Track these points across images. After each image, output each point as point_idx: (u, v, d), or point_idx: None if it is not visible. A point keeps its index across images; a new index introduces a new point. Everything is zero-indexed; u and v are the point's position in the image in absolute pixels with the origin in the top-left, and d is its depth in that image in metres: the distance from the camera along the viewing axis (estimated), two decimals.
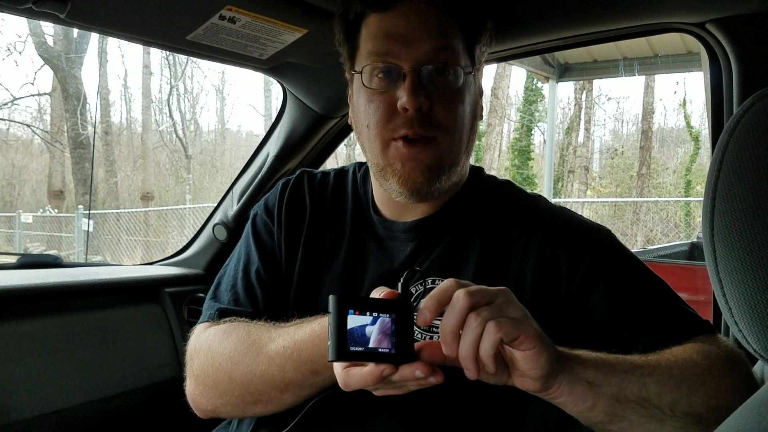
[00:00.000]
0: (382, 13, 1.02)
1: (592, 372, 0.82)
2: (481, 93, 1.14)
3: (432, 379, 0.76)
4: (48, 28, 12.88)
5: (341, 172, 1.26)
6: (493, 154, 15.01)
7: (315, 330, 0.95)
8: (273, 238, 1.19)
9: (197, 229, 2.11)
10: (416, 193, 1.05)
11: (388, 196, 1.13)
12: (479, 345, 0.75)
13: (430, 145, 1.02)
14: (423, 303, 0.77)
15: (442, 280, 1.06)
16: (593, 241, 1.07)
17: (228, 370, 1.04)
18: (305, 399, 1.01)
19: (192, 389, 1.11)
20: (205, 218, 2.08)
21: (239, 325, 1.08)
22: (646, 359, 0.87)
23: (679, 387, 0.85)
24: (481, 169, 1.22)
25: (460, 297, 0.76)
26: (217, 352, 1.06)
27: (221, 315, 1.14)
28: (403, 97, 0.99)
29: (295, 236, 1.18)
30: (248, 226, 1.24)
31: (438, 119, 1.02)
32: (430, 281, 1.07)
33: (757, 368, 0.97)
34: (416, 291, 1.07)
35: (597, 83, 16.36)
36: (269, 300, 1.15)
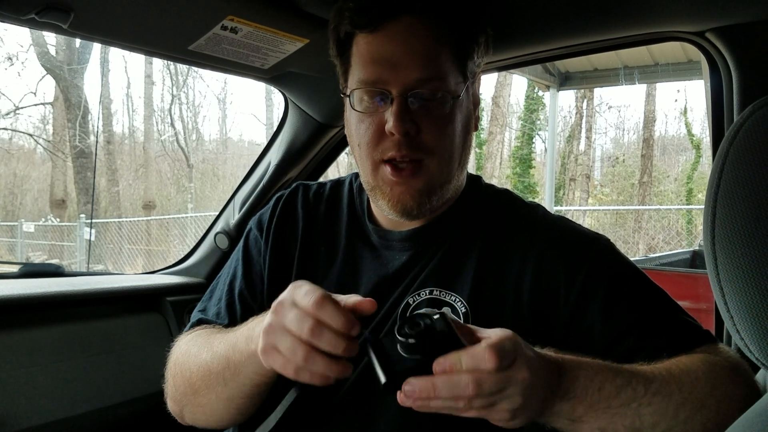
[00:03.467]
0: (370, 35, 1.02)
1: (581, 409, 0.82)
2: (476, 103, 1.13)
3: None
4: (50, 38, 12.95)
5: (338, 182, 1.27)
6: (495, 163, 15.01)
7: (230, 340, 0.98)
8: (260, 253, 1.21)
9: (199, 237, 2.11)
10: (406, 214, 1.06)
11: None
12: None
13: (418, 169, 1.02)
14: (445, 359, 0.75)
15: (439, 291, 1.06)
16: (591, 250, 1.07)
17: (181, 364, 1.08)
18: (226, 406, 1.02)
19: (167, 393, 1.14)
20: (207, 227, 2.08)
21: (208, 329, 1.12)
22: (649, 384, 0.85)
23: (677, 414, 0.84)
24: (479, 178, 1.22)
25: (468, 384, 0.74)
26: (181, 351, 1.11)
27: (201, 324, 1.17)
28: (390, 122, 0.99)
29: (287, 251, 1.19)
30: (242, 239, 1.26)
31: (426, 143, 1.02)
32: (426, 292, 1.07)
33: (759, 376, 0.97)
34: (413, 301, 1.07)
35: (598, 92, 16.38)
36: (248, 316, 1.15)
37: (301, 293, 0.82)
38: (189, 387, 1.06)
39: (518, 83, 17.48)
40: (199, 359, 1.03)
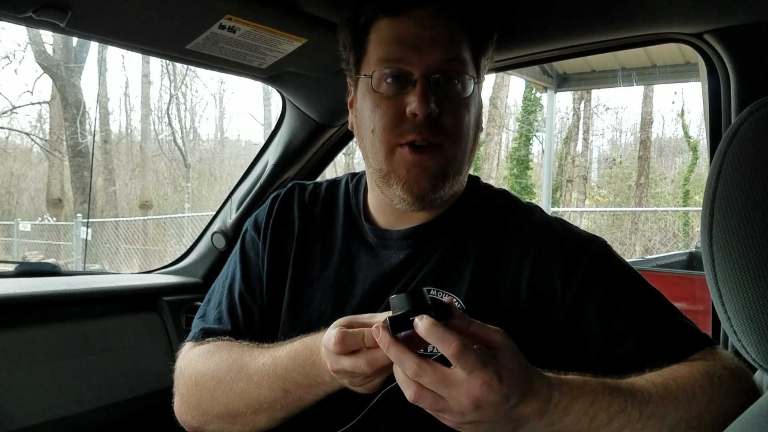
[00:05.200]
0: (394, 19, 1.02)
1: None
2: (481, 104, 1.14)
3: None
4: (48, 36, 12.91)
5: (334, 183, 1.27)
6: (492, 164, 15.02)
7: (295, 347, 0.97)
8: (258, 254, 1.20)
9: (195, 237, 2.11)
10: (420, 199, 1.04)
11: (385, 204, 1.12)
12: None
13: (436, 152, 1.02)
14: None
15: (436, 291, 1.06)
16: (588, 252, 1.07)
17: (211, 389, 1.05)
18: (277, 423, 1.02)
19: (178, 406, 1.13)
20: (204, 227, 2.08)
21: (223, 345, 1.10)
22: (645, 407, 0.84)
23: None
24: (477, 179, 1.21)
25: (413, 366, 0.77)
26: (200, 372, 1.08)
27: (205, 335, 1.16)
28: (413, 103, 0.99)
29: (283, 251, 1.18)
30: (239, 241, 1.25)
31: (445, 126, 1.02)
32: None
33: (757, 377, 0.97)
34: None
35: (595, 93, 16.39)
36: (250, 318, 1.16)
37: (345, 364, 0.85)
38: (226, 413, 1.04)
39: (516, 84, 17.49)
40: (237, 387, 1.01)
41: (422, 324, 0.77)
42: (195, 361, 1.11)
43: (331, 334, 0.85)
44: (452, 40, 1.03)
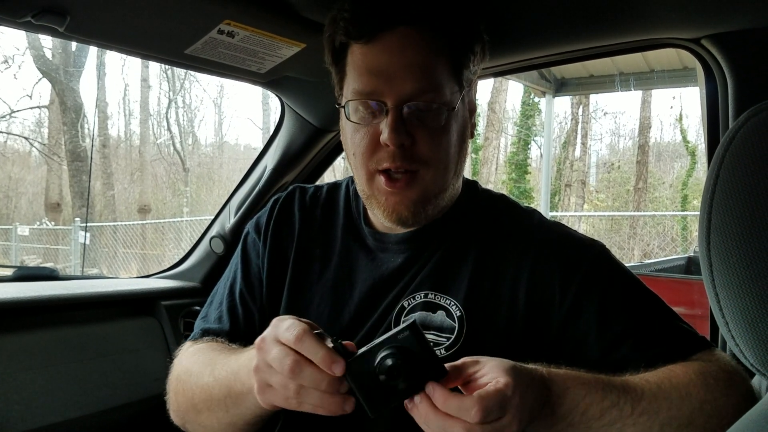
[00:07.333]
0: (365, 46, 1.01)
1: (561, 426, 0.83)
2: (472, 110, 1.13)
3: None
4: (47, 41, 12.93)
5: (334, 186, 1.27)
6: (491, 168, 15.03)
7: (232, 367, 0.97)
8: (258, 255, 1.21)
9: (194, 241, 2.11)
10: (402, 223, 1.06)
11: None
12: None
13: (413, 179, 1.02)
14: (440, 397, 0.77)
15: (434, 294, 1.06)
16: (587, 256, 1.07)
17: (183, 381, 1.08)
18: (228, 428, 1.02)
19: (168, 401, 1.15)
20: (202, 231, 2.08)
21: (211, 345, 1.12)
22: (637, 403, 0.85)
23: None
24: (475, 183, 1.22)
25: (459, 430, 0.76)
26: (183, 367, 1.11)
27: (204, 334, 1.17)
28: (384, 133, 0.99)
29: (283, 253, 1.19)
30: (240, 242, 1.26)
31: (421, 154, 1.01)
32: (421, 295, 1.07)
33: (755, 382, 0.97)
34: (408, 304, 1.07)
35: (593, 98, 16.39)
36: (250, 318, 1.17)
37: (282, 328, 0.82)
38: (191, 407, 1.06)
39: (514, 89, 17.45)
40: (201, 381, 1.03)
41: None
42: (182, 359, 1.14)
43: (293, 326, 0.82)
44: (424, 67, 1.00)
